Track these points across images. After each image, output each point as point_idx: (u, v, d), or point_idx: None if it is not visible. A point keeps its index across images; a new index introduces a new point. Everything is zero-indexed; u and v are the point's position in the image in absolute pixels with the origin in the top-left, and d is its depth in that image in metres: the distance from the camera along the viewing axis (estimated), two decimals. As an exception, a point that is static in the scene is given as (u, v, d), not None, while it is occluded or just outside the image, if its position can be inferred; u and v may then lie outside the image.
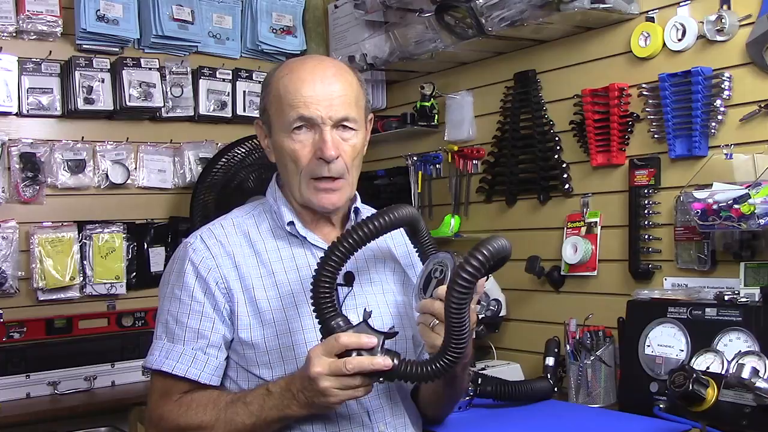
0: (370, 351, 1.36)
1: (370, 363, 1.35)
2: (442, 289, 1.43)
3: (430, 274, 1.52)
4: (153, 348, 1.57)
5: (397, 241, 1.75)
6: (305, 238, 1.62)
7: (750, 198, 1.89)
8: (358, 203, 1.70)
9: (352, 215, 1.69)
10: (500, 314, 2.60)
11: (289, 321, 1.56)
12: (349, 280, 1.62)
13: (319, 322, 1.41)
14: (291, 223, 1.63)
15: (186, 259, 1.58)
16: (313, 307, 1.41)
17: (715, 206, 1.96)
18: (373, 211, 1.76)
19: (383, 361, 1.36)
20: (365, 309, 1.42)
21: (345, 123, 1.57)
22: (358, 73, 1.67)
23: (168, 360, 1.53)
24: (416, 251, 1.62)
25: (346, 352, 1.37)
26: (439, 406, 1.80)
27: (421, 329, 1.49)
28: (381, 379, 1.38)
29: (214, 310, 1.55)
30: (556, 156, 2.60)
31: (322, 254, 1.60)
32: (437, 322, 1.45)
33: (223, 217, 1.69)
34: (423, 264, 1.58)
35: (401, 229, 1.57)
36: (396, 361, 1.36)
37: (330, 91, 1.55)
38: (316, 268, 1.41)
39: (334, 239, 1.43)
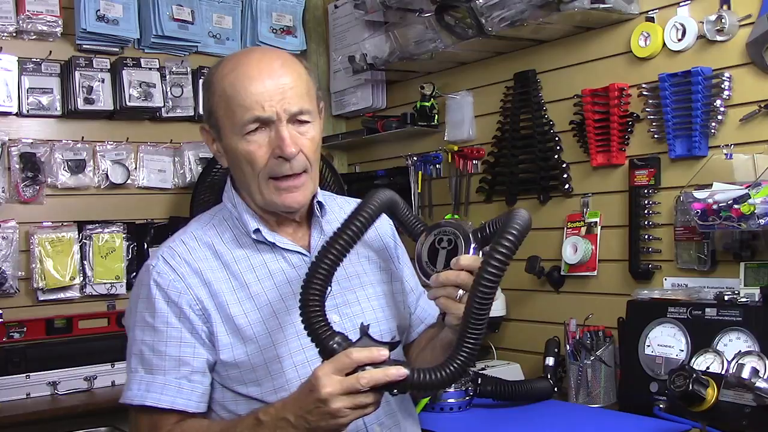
0: (380, 364, 1.27)
1: (385, 375, 1.25)
2: (467, 258, 1.39)
3: (435, 245, 1.46)
4: (130, 383, 1.47)
5: None
6: (274, 243, 1.55)
7: (750, 198, 1.89)
8: (320, 196, 1.61)
9: (316, 209, 1.61)
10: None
11: (271, 333, 1.48)
12: None
13: (316, 346, 1.31)
14: (257, 231, 1.54)
15: (152, 285, 1.48)
16: (307, 331, 1.31)
17: (715, 206, 1.96)
18: (333, 196, 1.71)
19: (397, 372, 1.25)
20: (362, 323, 1.33)
21: (300, 117, 1.48)
22: (304, 61, 1.58)
23: (151, 393, 1.44)
24: (402, 229, 1.55)
25: (354, 369, 1.27)
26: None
27: (444, 302, 1.42)
28: (395, 391, 1.29)
29: (192, 334, 1.46)
30: (556, 156, 2.60)
31: (292, 256, 1.55)
32: (462, 292, 1.39)
33: (182, 232, 1.58)
34: (416, 240, 1.51)
35: None
36: (408, 371, 1.28)
37: (281, 84, 1.46)
38: (302, 289, 1.32)
39: (317, 253, 1.35)
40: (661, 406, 1.93)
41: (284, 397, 1.38)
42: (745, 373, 1.70)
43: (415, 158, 3.09)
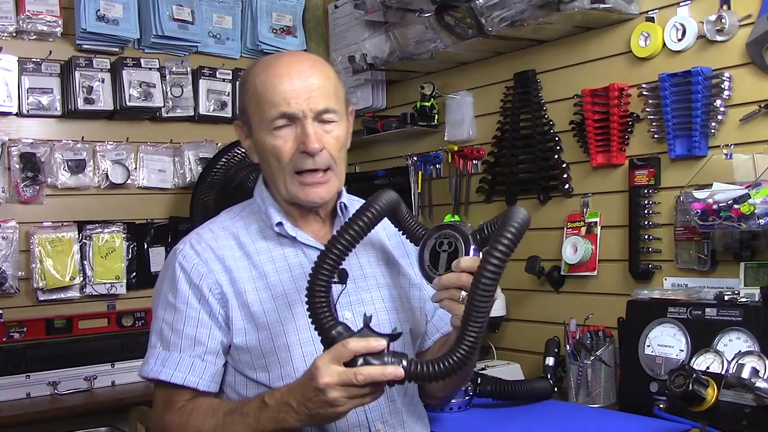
0: (378, 355, 1.30)
1: (382, 374, 1.29)
2: (467, 260, 1.41)
3: (436, 249, 1.48)
4: (148, 357, 1.55)
5: (389, 231, 1.71)
6: (295, 237, 1.60)
7: (750, 198, 1.89)
8: (345, 198, 1.67)
9: (339, 211, 1.66)
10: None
11: (284, 322, 1.53)
12: (343, 277, 1.53)
13: (318, 334, 1.36)
14: (279, 224, 1.60)
15: (177, 267, 1.56)
16: (311, 319, 1.36)
17: (715, 206, 1.96)
18: (361, 201, 1.72)
19: (395, 371, 1.29)
20: (365, 314, 1.37)
21: (326, 116, 1.55)
22: (335, 66, 1.65)
23: (165, 368, 1.52)
24: (403, 234, 1.57)
25: (353, 359, 1.31)
26: (450, 385, 1.72)
27: (447, 304, 1.44)
28: (393, 383, 1.32)
29: (210, 316, 1.53)
30: (556, 156, 2.60)
31: (312, 252, 1.58)
32: (464, 294, 1.40)
33: (212, 221, 1.67)
34: (417, 244, 1.53)
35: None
36: (405, 363, 1.30)
37: (308, 84, 1.54)
38: (309, 278, 1.37)
39: (325, 244, 1.39)
40: (661, 406, 1.93)
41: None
42: (745, 373, 1.70)
43: (415, 158, 3.09)
